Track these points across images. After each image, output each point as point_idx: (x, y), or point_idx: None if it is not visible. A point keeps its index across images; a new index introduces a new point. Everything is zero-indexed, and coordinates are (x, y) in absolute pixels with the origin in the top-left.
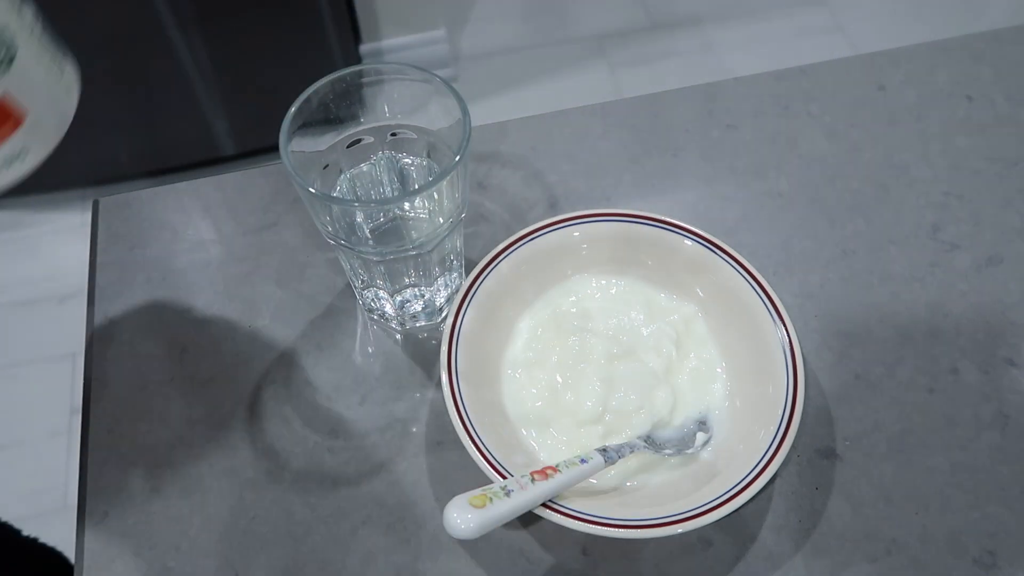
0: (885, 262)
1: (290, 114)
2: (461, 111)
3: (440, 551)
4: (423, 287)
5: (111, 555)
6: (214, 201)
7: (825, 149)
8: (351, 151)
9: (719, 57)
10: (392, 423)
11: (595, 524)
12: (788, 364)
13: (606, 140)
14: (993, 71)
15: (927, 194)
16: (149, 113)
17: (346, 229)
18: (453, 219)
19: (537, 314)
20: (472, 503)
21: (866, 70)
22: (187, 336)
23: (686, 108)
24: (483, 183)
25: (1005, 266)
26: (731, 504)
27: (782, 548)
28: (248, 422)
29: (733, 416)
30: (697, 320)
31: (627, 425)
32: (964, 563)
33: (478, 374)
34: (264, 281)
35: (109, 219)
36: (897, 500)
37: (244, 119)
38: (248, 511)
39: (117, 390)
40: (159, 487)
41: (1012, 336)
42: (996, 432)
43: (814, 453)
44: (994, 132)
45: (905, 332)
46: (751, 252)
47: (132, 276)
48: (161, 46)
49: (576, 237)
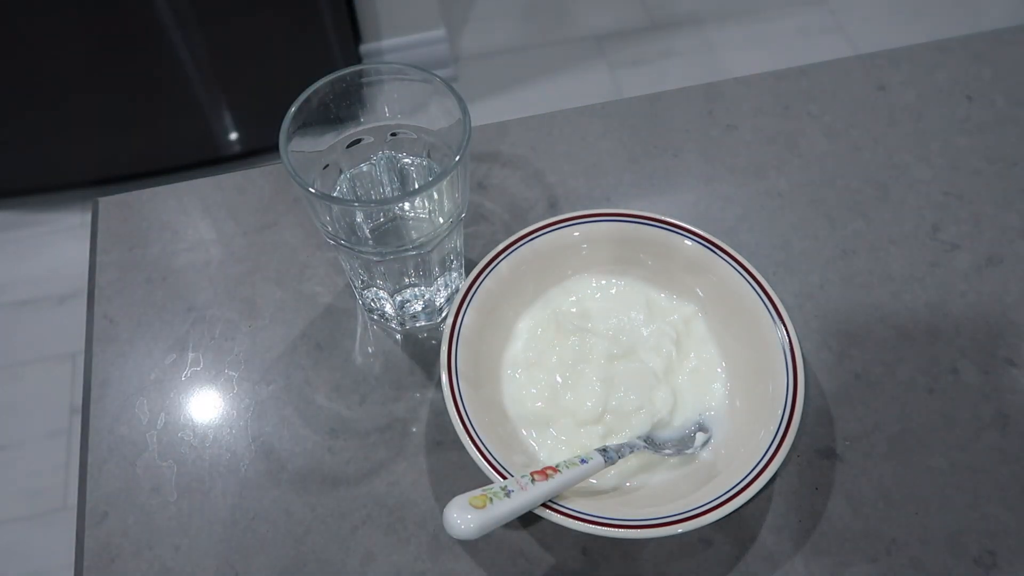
0: (885, 262)
1: (290, 114)
2: (461, 111)
3: (440, 551)
4: (423, 287)
5: (111, 555)
6: (214, 201)
7: (825, 149)
8: (351, 151)
9: (719, 57)
10: (392, 423)
11: (595, 524)
12: (788, 364)
13: (606, 140)
14: (993, 71)
15: (927, 194)
16: (149, 113)
17: (346, 229)
18: (453, 219)
19: (537, 314)
20: (472, 503)
21: (866, 70)
22: (187, 336)
23: (686, 108)
24: (483, 183)
25: (1005, 266)
26: (731, 504)
27: (782, 548)
28: (248, 422)
29: (733, 416)
30: (697, 320)
31: (627, 425)
32: (964, 563)
33: (478, 374)
34: (264, 281)
35: (109, 219)
36: (897, 500)
37: (244, 119)
38: (248, 511)
39: (117, 390)
40: (159, 487)
41: (1012, 336)
42: (996, 432)
43: (814, 453)
44: (994, 132)
45: (905, 332)
46: (751, 252)
47: (132, 276)
48: (161, 46)
49: (576, 237)
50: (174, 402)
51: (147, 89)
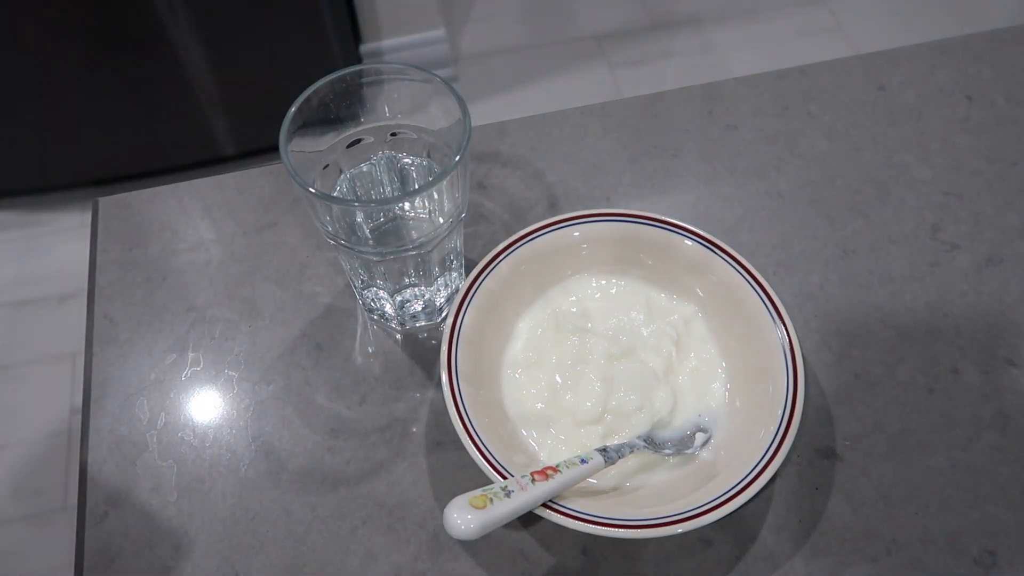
0: (885, 262)
1: (290, 114)
2: (461, 111)
3: (440, 551)
4: (423, 287)
5: (111, 555)
6: (214, 201)
7: (825, 149)
8: (351, 151)
9: (719, 57)
10: (392, 423)
11: (595, 524)
12: (788, 364)
13: (606, 140)
14: (993, 71)
15: (927, 194)
16: (149, 113)
17: (346, 229)
18: (453, 219)
19: (537, 314)
20: (472, 504)
21: (866, 70)
22: (187, 336)
23: (686, 108)
24: (483, 183)
25: (1005, 266)
26: (731, 504)
27: (782, 548)
28: (248, 422)
29: (733, 416)
30: (697, 320)
31: (627, 425)
32: (964, 563)
33: (478, 374)
34: (264, 281)
35: (109, 219)
36: (897, 500)
37: (244, 119)
38: (248, 511)
39: (117, 390)
40: (159, 487)
41: (1012, 336)
42: (996, 432)
43: (814, 453)
44: (994, 132)
45: (905, 332)
46: (751, 252)
47: (132, 276)
48: (161, 46)
49: (576, 237)
50: (174, 402)
51: (147, 89)
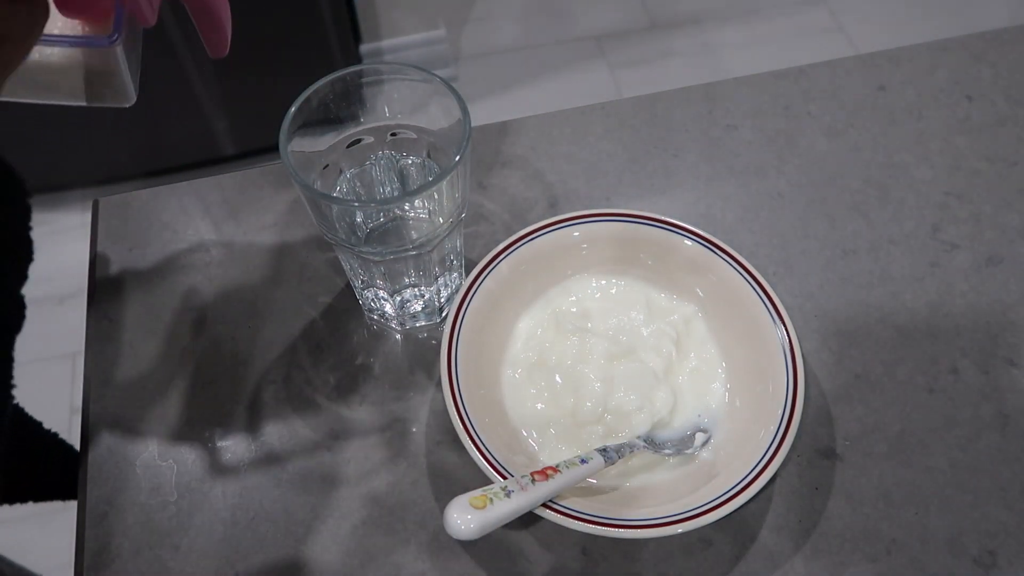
0: (885, 262)
1: (290, 114)
2: (461, 111)
3: (440, 551)
4: (423, 287)
5: (111, 555)
6: (214, 201)
7: (825, 149)
8: (351, 151)
9: (719, 57)
10: (392, 423)
11: (595, 524)
12: (788, 364)
13: (606, 140)
14: (993, 71)
15: (927, 194)
16: (149, 113)
17: (346, 229)
18: (453, 219)
19: (537, 314)
20: (472, 504)
21: (866, 70)
22: (187, 336)
23: (686, 108)
24: (483, 183)
25: (1005, 266)
26: (731, 504)
27: (782, 548)
28: (248, 422)
29: (733, 416)
30: (697, 320)
31: (627, 425)
32: (964, 563)
33: (478, 374)
34: (264, 281)
35: (109, 219)
36: (897, 500)
37: (244, 119)
38: (248, 511)
39: (117, 390)
40: (159, 487)
41: (1012, 336)
42: (996, 432)
43: (814, 453)
44: (994, 132)
45: (905, 332)
46: (751, 252)
47: (132, 276)
48: (161, 46)
49: (576, 237)
50: (174, 402)
51: (147, 89)
